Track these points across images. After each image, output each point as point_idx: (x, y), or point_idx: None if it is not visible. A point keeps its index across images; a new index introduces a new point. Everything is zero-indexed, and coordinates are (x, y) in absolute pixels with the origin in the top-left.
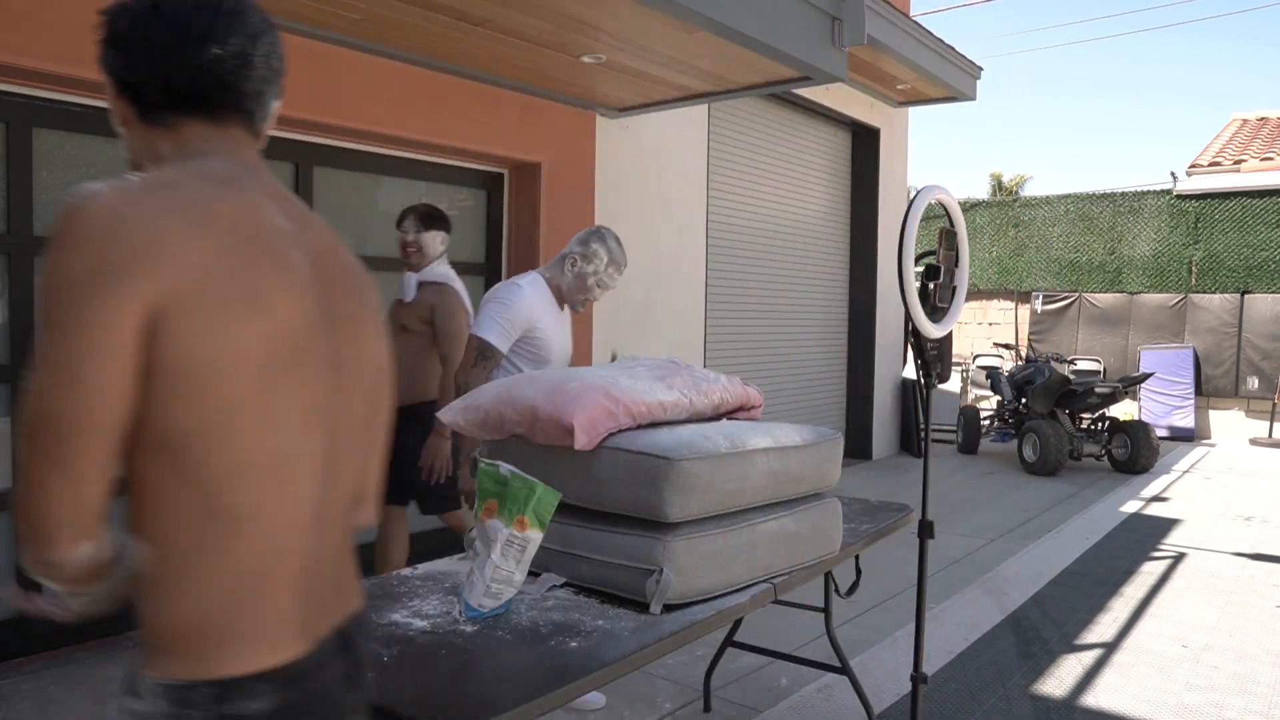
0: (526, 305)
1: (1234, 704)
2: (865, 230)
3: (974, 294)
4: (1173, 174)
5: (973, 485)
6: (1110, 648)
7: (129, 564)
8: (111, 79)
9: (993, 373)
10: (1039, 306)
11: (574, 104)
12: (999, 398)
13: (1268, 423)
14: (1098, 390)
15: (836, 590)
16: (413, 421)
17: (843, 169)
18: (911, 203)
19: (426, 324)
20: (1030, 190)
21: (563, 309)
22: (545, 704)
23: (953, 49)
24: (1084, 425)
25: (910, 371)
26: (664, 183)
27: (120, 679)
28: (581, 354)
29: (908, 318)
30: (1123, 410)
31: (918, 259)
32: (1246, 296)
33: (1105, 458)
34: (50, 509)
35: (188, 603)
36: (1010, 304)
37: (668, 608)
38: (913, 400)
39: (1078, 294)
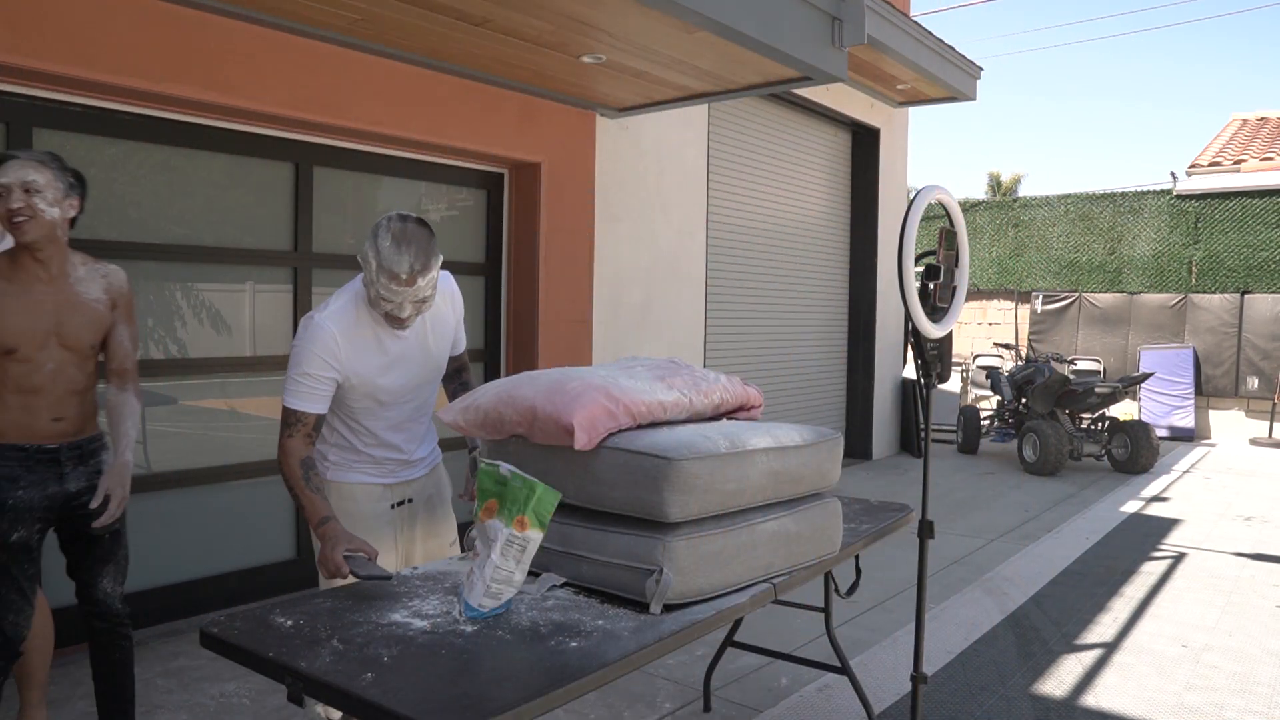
0: (326, 350)
1: (1234, 704)
2: (865, 230)
3: (974, 294)
4: (1173, 174)
5: (973, 485)
6: (1110, 648)
7: None
8: None
9: (993, 373)
10: (1039, 306)
11: (574, 104)
12: (999, 398)
13: (1268, 423)
14: (1098, 390)
15: (836, 590)
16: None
17: (843, 169)
18: (911, 203)
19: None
20: (1025, 188)
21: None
22: (545, 704)
23: (953, 49)
24: (1084, 425)
25: (910, 371)
26: (664, 183)
27: None
28: (581, 355)
29: (908, 318)
30: (1123, 410)
31: (918, 259)
32: (1246, 296)
33: (1105, 458)
34: None
35: None
36: (1010, 304)
37: (668, 608)
38: (913, 400)
39: (1078, 294)
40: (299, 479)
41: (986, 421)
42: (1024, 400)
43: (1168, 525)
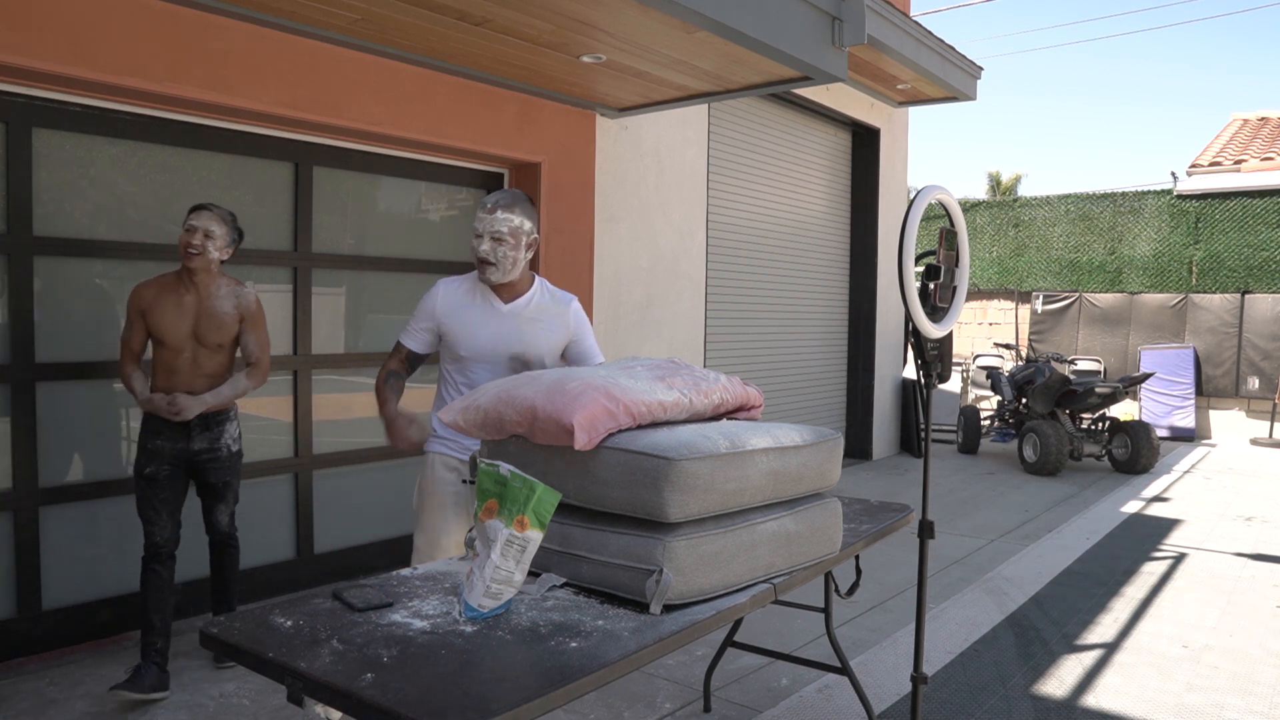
0: (429, 303)
1: (1234, 704)
2: (865, 230)
3: (974, 294)
4: (1173, 174)
5: (973, 485)
6: (1111, 648)
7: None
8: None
9: (993, 373)
10: (1039, 306)
11: (574, 104)
12: (999, 398)
13: (1268, 423)
14: (1098, 390)
15: (836, 590)
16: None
17: (843, 169)
18: (912, 203)
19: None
20: (1025, 188)
21: (509, 302)
22: (545, 704)
23: (953, 49)
24: (1084, 425)
25: (910, 371)
26: (664, 183)
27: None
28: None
29: (908, 318)
30: (1123, 410)
31: (918, 259)
32: (1247, 296)
33: (1106, 458)
34: None
35: None
36: (1010, 304)
37: (668, 608)
38: (913, 400)
39: (1078, 294)
40: (381, 381)
41: (987, 421)
42: (1024, 400)
43: (1168, 525)
